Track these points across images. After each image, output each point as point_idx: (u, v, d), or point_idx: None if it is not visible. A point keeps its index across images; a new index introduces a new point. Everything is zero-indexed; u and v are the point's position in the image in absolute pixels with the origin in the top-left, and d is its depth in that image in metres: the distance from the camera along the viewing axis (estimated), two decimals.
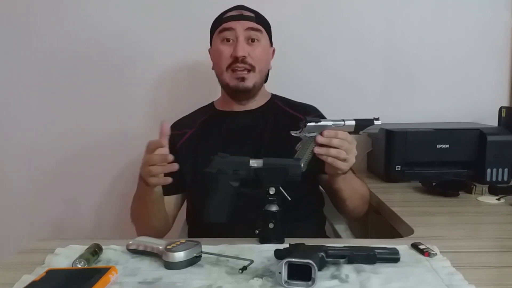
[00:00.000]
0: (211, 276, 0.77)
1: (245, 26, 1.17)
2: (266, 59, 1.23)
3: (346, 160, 0.99)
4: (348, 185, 1.09)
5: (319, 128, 0.99)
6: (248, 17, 1.19)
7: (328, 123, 1.00)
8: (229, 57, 1.17)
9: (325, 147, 0.97)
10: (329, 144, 0.97)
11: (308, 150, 0.99)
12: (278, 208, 0.91)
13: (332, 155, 0.97)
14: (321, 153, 0.98)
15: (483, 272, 0.80)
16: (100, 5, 1.68)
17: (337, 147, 0.97)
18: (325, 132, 0.98)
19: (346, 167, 1.01)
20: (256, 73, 1.18)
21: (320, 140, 0.97)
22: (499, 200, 1.24)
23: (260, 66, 1.19)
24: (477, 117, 1.69)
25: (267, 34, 1.24)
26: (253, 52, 1.17)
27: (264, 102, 1.27)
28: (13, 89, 1.74)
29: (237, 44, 1.16)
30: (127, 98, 1.73)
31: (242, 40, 1.16)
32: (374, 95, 1.73)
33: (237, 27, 1.17)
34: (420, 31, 1.70)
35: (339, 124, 1.00)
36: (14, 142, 1.75)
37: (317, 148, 0.98)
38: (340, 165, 0.99)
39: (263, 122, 1.23)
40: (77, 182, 1.77)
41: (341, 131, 0.98)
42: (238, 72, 1.16)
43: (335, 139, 0.97)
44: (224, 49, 1.17)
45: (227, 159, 0.92)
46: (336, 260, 0.79)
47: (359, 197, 1.16)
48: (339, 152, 0.97)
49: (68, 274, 0.77)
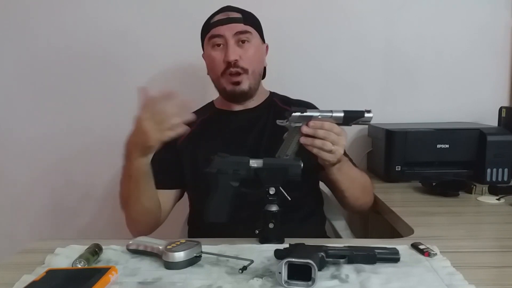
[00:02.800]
0: (211, 276, 0.77)
1: (233, 30, 1.16)
2: (259, 58, 1.22)
3: (332, 152, 0.98)
4: (344, 176, 1.09)
5: (305, 119, 0.98)
6: (236, 19, 1.17)
7: (315, 113, 0.99)
8: (222, 62, 1.16)
9: (311, 138, 0.97)
10: (314, 134, 0.97)
11: (294, 140, 0.99)
12: (278, 208, 0.91)
13: (317, 146, 0.97)
14: (307, 144, 0.98)
15: (483, 272, 0.80)
16: (99, 5, 1.68)
17: (322, 138, 0.97)
18: (310, 122, 0.97)
19: (332, 159, 1.00)
20: (250, 75, 1.18)
21: (305, 130, 0.97)
22: (499, 200, 1.24)
23: (253, 67, 1.18)
24: (477, 117, 1.69)
25: (258, 32, 1.22)
26: (244, 54, 1.16)
27: (262, 100, 1.27)
28: (12, 88, 1.74)
29: (227, 49, 1.15)
30: (127, 97, 1.70)
31: (232, 44, 1.15)
32: (374, 95, 1.73)
33: (225, 32, 1.16)
34: (420, 31, 1.70)
35: (326, 115, 0.99)
36: (14, 141, 1.75)
37: (302, 138, 0.98)
38: (326, 156, 0.99)
39: (262, 120, 1.23)
40: (77, 182, 1.77)
41: (327, 122, 0.98)
42: (233, 78, 1.16)
43: (320, 130, 0.97)
44: (216, 55, 1.17)
45: (227, 159, 0.92)
46: (336, 260, 0.79)
47: (359, 188, 1.15)
48: (323, 144, 0.97)
49: (68, 274, 0.77)
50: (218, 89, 1.23)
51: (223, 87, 1.19)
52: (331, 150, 0.98)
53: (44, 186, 1.77)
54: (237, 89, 1.17)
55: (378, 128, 1.54)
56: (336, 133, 0.98)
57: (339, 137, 0.98)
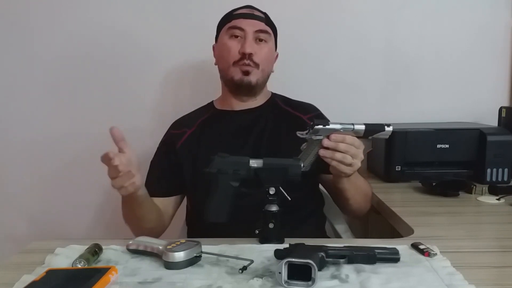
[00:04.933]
0: (211, 276, 0.77)
1: (255, 27, 1.18)
2: (271, 60, 1.24)
3: (352, 165, 0.97)
4: (352, 185, 1.09)
5: (326, 131, 0.96)
6: (259, 17, 1.20)
7: (337, 126, 0.96)
8: (237, 53, 1.17)
9: (331, 151, 0.95)
10: (336, 148, 0.95)
11: (313, 151, 0.97)
12: (278, 208, 0.91)
13: (337, 159, 0.96)
14: (326, 156, 0.96)
15: (483, 272, 0.80)
16: (100, 6, 1.68)
17: (343, 151, 0.95)
18: (332, 136, 0.95)
19: (350, 171, 1.00)
20: (260, 71, 1.19)
21: (326, 143, 0.95)
22: (499, 200, 1.24)
23: (264, 65, 1.19)
24: (477, 117, 1.69)
25: (274, 38, 1.25)
26: (259, 51, 1.18)
27: (264, 101, 1.27)
28: (14, 90, 1.74)
29: (245, 41, 1.17)
30: (129, 98, 1.73)
31: (250, 39, 1.17)
32: (374, 95, 1.72)
33: (247, 27, 1.18)
34: (420, 31, 1.70)
35: (348, 128, 0.96)
36: (15, 142, 1.75)
37: (322, 151, 0.96)
38: (344, 169, 0.98)
39: (263, 121, 1.23)
40: (77, 182, 1.77)
41: (349, 136, 0.96)
42: (244, 67, 1.17)
43: (342, 144, 0.95)
44: (232, 45, 1.18)
45: (227, 159, 0.92)
46: (336, 260, 0.79)
47: (362, 196, 1.16)
48: (344, 157, 0.95)
49: (68, 274, 0.77)
50: (225, 79, 1.23)
51: (232, 76, 1.19)
52: (350, 164, 0.97)
53: (44, 186, 1.77)
54: (245, 79, 1.18)
55: None
56: (357, 146, 0.96)
57: (358, 151, 0.97)
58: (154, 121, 1.69)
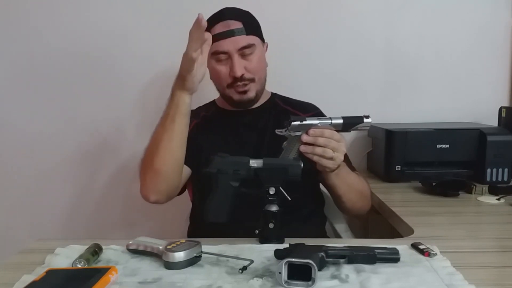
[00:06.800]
0: (211, 276, 0.77)
1: (237, 45, 1.13)
2: (263, 65, 1.21)
3: (333, 158, 0.98)
4: (342, 181, 1.09)
5: (304, 127, 0.98)
6: (237, 31, 1.13)
7: (314, 121, 0.98)
8: (227, 76, 1.15)
9: (311, 146, 0.97)
10: (315, 143, 0.97)
11: (294, 148, 0.99)
12: (278, 208, 0.91)
13: (318, 153, 0.97)
14: (307, 152, 0.97)
15: (483, 272, 0.80)
16: (98, 6, 1.68)
17: (323, 145, 0.97)
18: (310, 130, 0.97)
19: (333, 165, 1.01)
20: (256, 83, 1.18)
21: (305, 139, 0.97)
22: (499, 200, 1.24)
23: (258, 75, 1.18)
24: (477, 117, 1.69)
25: (259, 37, 1.20)
26: (249, 65, 1.15)
27: (264, 101, 1.27)
28: (11, 89, 1.74)
29: (233, 63, 1.13)
30: (127, 98, 1.73)
31: (236, 58, 1.13)
32: (374, 95, 1.73)
33: (229, 47, 1.12)
34: (420, 31, 1.70)
35: (326, 123, 0.99)
36: (14, 142, 1.75)
37: (302, 147, 0.97)
38: (326, 163, 0.99)
39: (264, 121, 1.23)
40: (77, 182, 1.77)
41: (327, 130, 0.97)
42: (240, 88, 1.16)
43: (321, 138, 0.97)
44: (220, 69, 1.16)
45: (227, 159, 0.92)
46: (336, 260, 0.79)
47: (356, 194, 1.15)
48: (324, 151, 0.97)
49: (68, 274, 0.77)
50: (224, 98, 1.23)
51: (230, 96, 1.19)
52: (332, 157, 0.98)
53: (44, 186, 1.77)
54: (244, 97, 1.18)
55: (378, 128, 1.54)
56: (336, 140, 0.98)
57: (339, 144, 0.98)
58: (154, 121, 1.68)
